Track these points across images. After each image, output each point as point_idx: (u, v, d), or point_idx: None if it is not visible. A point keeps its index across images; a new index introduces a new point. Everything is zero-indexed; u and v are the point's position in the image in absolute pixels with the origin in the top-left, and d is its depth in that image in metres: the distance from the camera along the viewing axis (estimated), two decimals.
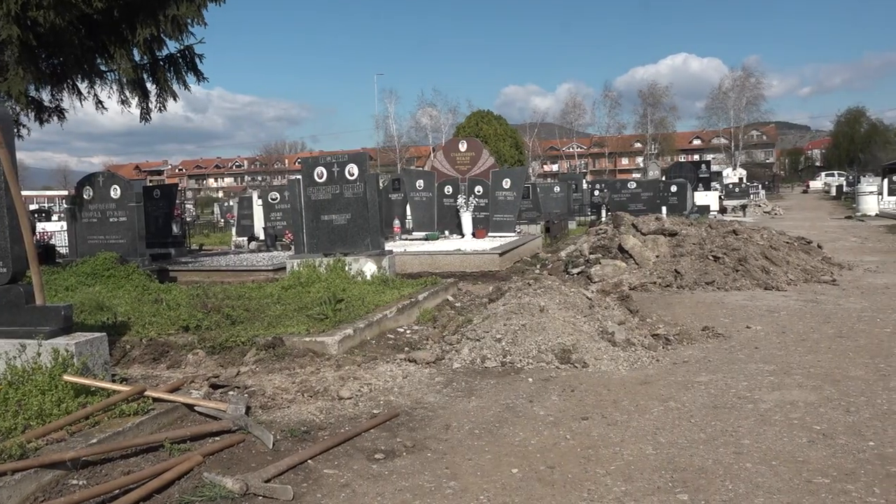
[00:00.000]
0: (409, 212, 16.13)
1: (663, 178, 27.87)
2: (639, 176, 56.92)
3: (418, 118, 66.57)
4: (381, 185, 15.05)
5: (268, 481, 3.23)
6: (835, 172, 62.32)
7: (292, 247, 10.45)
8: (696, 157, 68.09)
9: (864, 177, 34.44)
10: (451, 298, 8.18)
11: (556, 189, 22.70)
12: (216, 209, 39.23)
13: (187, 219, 25.23)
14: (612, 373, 5.06)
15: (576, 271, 9.75)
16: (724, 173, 42.58)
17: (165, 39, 11.26)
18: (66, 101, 12.17)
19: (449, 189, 15.02)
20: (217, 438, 3.82)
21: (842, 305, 7.44)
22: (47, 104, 12.09)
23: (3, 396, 3.96)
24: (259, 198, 18.19)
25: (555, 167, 79.99)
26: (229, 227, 23.55)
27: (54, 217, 28.36)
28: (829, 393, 4.44)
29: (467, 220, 14.02)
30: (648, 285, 8.84)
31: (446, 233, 14.56)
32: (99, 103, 12.54)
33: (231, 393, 4.62)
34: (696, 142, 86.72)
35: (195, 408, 4.20)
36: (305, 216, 8.91)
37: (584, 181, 30.40)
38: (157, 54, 11.67)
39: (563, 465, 3.44)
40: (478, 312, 6.67)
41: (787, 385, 4.64)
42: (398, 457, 3.62)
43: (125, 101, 12.20)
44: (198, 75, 12.15)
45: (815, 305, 7.47)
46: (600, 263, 9.61)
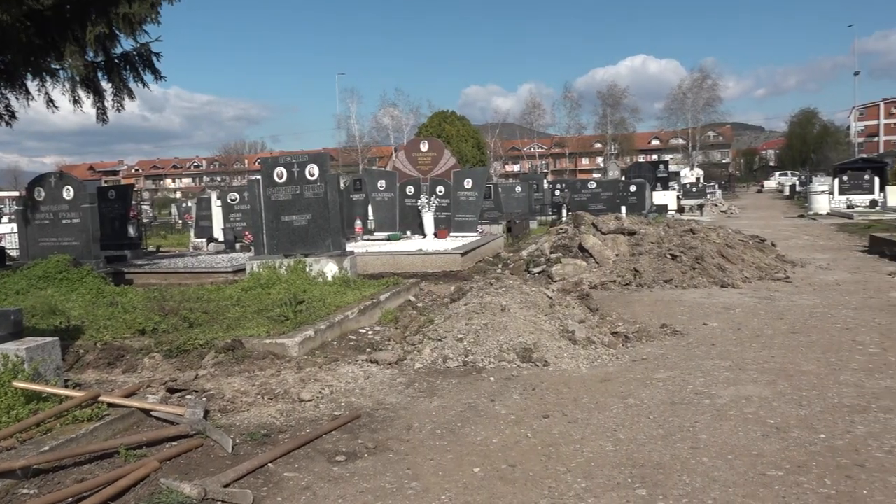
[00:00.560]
0: (370, 212, 16.07)
1: (623, 178, 28.19)
2: (599, 176, 57.57)
3: (380, 118, 66.37)
4: (342, 185, 14.99)
5: (227, 486, 3.19)
6: (788, 172, 63.93)
7: (252, 248, 10.33)
8: (654, 157, 68.96)
9: (815, 177, 35.33)
10: (413, 299, 8.17)
11: (518, 189, 22.82)
12: (174, 210, 38.56)
13: (144, 220, 24.79)
14: (572, 371, 5.11)
15: (537, 271, 9.82)
16: (682, 173, 43.23)
17: (120, 37, 11.01)
18: (14, 101, 11.81)
19: (411, 189, 15.00)
20: (174, 443, 3.76)
21: (795, 302, 7.63)
22: None
23: None
24: (218, 198, 17.89)
25: (516, 167, 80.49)
26: (187, 228, 23.12)
27: (4, 219, 27.49)
28: (783, 387, 4.55)
29: (429, 220, 14.02)
30: (608, 284, 8.95)
31: (408, 233, 14.54)
32: (50, 102, 12.18)
33: (189, 397, 4.54)
34: (655, 142, 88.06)
35: (152, 413, 4.13)
36: (265, 217, 8.81)
37: (546, 181, 30.62)
38: (111, 52, 11.40)
39: (524, 464, 3.46)
40: (440, 312, 6.67)
41: (743, 380, 4.74)
42: (360, 458, 3.60)
43: (78, 101, 11.89)
44: (155, 74, 11.88)
45: (769, 302, 7.65)
46: (561, 263, 9.70)
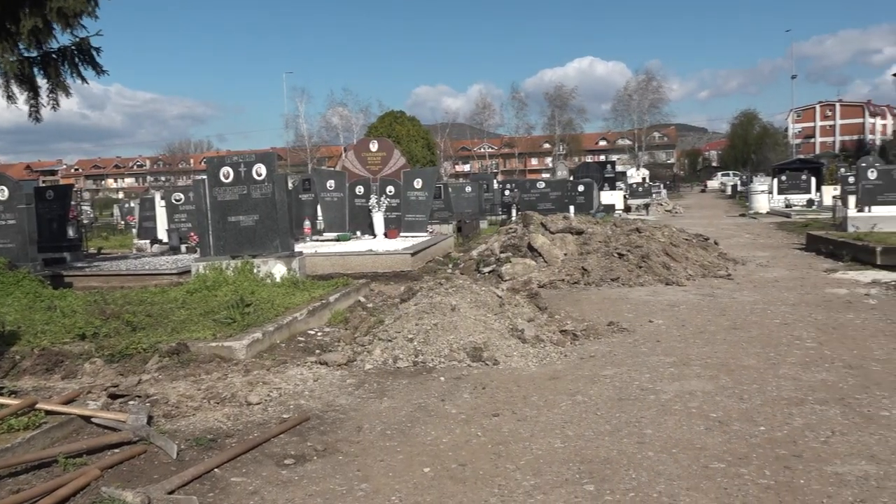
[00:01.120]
0: (319, 212, 15.89)
1: (571, 178, 28.62)
2: (548, 176, 58.35)
3: (329, 118, 65.91)
4: (290, 185, 14.79)
5: (171, 493, 3.12)
6: (730, 172, 65.71)
7: (198, 249, 10.11)
8: (602, 157, 70.23)
9: (756, 177, 36.49)
10: (363, 299, 8.12)
11: (468, 189, 22.90)
12: (116, 211, 37.45)
13: (84, 221, 24.02)
14: (522, 369, 5.15)
15: (487, 270, 9.87)
16: (629, 173, 44.08)
17: (57, 32, 10.65)
18: None
19: (360, 189, 14.91)
20: (117, 451, 3.66)
21: (736, 299, 7.85)
22: None
23: None
24: (162, 199, 17.47)
25: (466, 167, 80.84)
26: (130, 229, 22.52)
27: None
28: (725, 382, 4.68)
29: (379, 220, 13.95)
30: (557, 282, 9.06)
31: (358, 233, 14.45)
32: None
33: (132, 402, 4.42)
34: (603, 143, 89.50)
35: (92, 419, 4.01)
36: (211, 217, 8.64)
37: (495, 181, 30.77)
38: (48, 47, 11.01)
39: (474, 462, 3.48)
40: (390, 313, 6.65)
41: (687, 376, 4.85)
42: (309, 461, 3.56)
43: (11, 97, 11.46)
44: (96, 68, 11.51)
45: (712, 299, 7.85)
46: (511, 262, 9.78)
